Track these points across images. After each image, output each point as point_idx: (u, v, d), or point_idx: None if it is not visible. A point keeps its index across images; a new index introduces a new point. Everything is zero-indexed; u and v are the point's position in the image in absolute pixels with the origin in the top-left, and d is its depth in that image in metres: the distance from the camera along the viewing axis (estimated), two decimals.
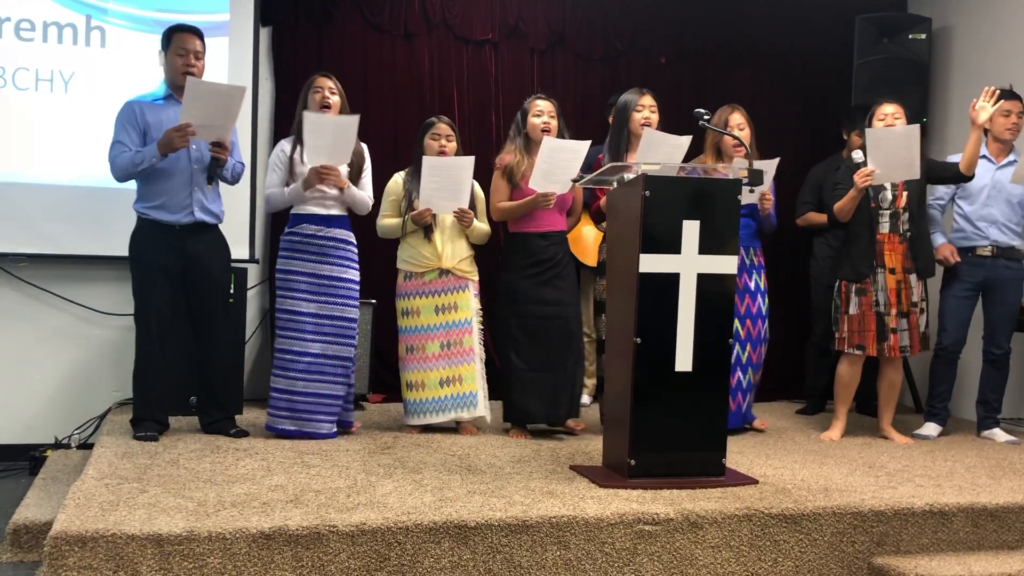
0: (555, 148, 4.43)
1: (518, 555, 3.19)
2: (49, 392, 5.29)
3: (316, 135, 4.30)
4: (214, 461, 3.91)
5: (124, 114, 4.37)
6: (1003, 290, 5.09)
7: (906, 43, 6.09)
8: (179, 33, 4.40)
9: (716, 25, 6.44)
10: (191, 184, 4.36)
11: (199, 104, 4.15)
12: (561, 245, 4.73)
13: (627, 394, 3.73)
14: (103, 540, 2.89)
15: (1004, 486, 3.94)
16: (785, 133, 6.41)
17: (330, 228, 4.48)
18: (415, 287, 4.70)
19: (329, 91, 4.49)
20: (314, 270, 4.44)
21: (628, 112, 4.76)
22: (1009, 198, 5.07)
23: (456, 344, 4.67)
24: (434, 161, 4.53)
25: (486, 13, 6.06)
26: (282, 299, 4.47)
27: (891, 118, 4.81)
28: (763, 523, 3.42)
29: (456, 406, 4.66)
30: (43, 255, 5.22)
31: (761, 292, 5.01)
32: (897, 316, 4.80)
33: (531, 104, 4.72)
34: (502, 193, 4.72)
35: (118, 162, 4.32)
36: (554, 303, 4.64)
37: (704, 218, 3.75)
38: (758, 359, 5.01)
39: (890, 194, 4.83)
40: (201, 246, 4.41)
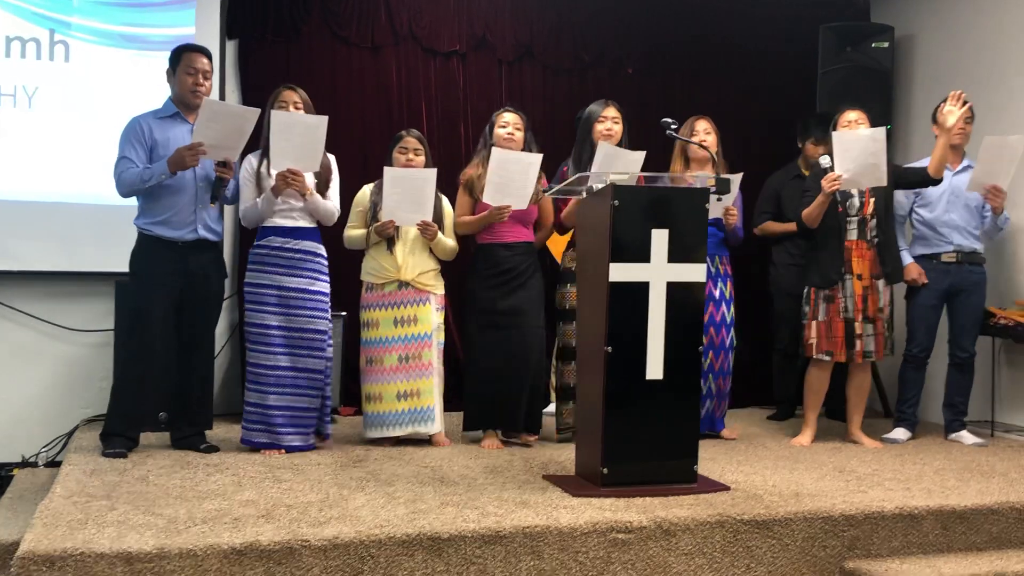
0: (504, 160, 4.44)
1: (492, 566, 3.18)
2: (15, 410, 5.22)
3: (283, 136, 4.27)
4: (184, 477, 3.88)
5: (131, 130, 4.35)
6: (967, 295, 5.14)
7: (869, 51, 6.17)
8: (189, 52, 4.40)
9: (682, 36, 6.49)
10: (196, 201, 4.36)
11: (213, 124, 4.16)
12: (526, 256, 4.73)
13: (599, 403, 3.74)
14: (72, 559, 2.86)
15: (972, 488, 3.98)
16: (751, 142, 6.46)
17: (297, 240, 4.46)
18: (376, 299, 4.69)
19: (294, 104, 4.47)
20: (281, 282, 4.42)
21: (591, 123, 4.80)
22: (967, 203, 5.14)
23: (415, 358, 4.66)
24: (395, 172, 4.53)
25: (453, 25, 6.07)
26: (251, 312, 4.45)
27: (855, 124, 4.86)
28: (735, 529, 3.43)
29: (413, 420, 4.64)
30: (8, 272, 5.16)
31: (727, 300, 5.05)
32: (863, 322, 4.84)
33: (498, 116, 4.75)
34: (464, 206, 4.75)
35: (125, 178, 4.29)
36: (514, 313, 4.64)
37: (673, 227, 3.77)
38: (722, 366, 5.03)
39: (857, 200, 4.87)
40: (202, 263, 4.41)
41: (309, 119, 4.33)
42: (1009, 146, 4.85)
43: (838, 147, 4.70)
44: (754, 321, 6.31)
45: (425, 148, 4.74)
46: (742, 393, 6.26)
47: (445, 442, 4.71)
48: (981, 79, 5.76)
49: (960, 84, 5.41)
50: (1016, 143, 4.85)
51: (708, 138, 4.95)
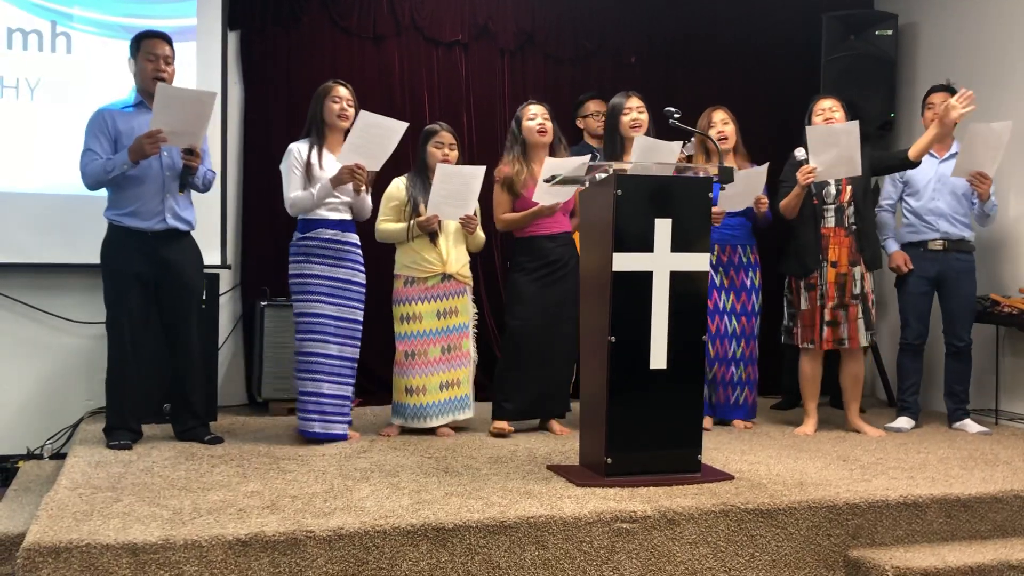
0: (556, 166, 4.41)
1: (496, 556, 3.19)
2: (20, 403, 5.23)
3: (363, 135, 4.28)
4: (189, 468, 3.89)
5: (94, 122, 4.33)
6: (957, 282, 5.15)
7: (873, 40, 6.14)
8: (148, 39, 4.37)
9: (685, 24, 6.47)
10: (163, 191, 4.33)
11: (170, 110, 4.12)
12: (568, 246, 4.79)
13: (602, 393, 3.74)
14: (77, 550, 2.86)
15: (976, 477, 3.99)
16: (755, 131, 6.42)
17: (344, 232, 4.52)
18: (417, 292, 4.70)
19: (347, 102, 4.51)
20: (331, 273, 4.47)
21: (617, 116, 4.82)
22: (954, 190, 5.14)
23: (455, 348, 4.73)
24: (448, 169, 4.55)
25: (455, 14, 6.05)
26: (302, 303, 4.47)
27: (829, 111, 4.89)
28: (739, 518, 3.43)
29: (452, 409, 4.72)
30: (11, 264, 5.16)
31: (756, 289, 5.12)
32: (834, 308, 4.85)
33: (524, 110, 4.78)
34: (504, 205, 4.78)
35: (89, 170, 4.28)
36: (560, 304, 4.71)
37: (676, 216, 3.77)
38: (752, 353, 5.11)
39: (834, 188, 4.88)
40: (174, 253, 4.38)
41: (392, 124, 4.34)
42: (994, 133, 4.83)
43: (812, 141, 4.71)
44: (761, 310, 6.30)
45: (458, 141, 4.80)
46: None
47: (449, 433, 4.72)
48: (985, 66, 5.74)
49: (964, 72, 5.41)
50: (1001, 130, 4.83)
51: (726, 128, 4.97)
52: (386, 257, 4.86)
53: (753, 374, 5.14)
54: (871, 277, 4.95)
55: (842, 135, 4.64)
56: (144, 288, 4.34)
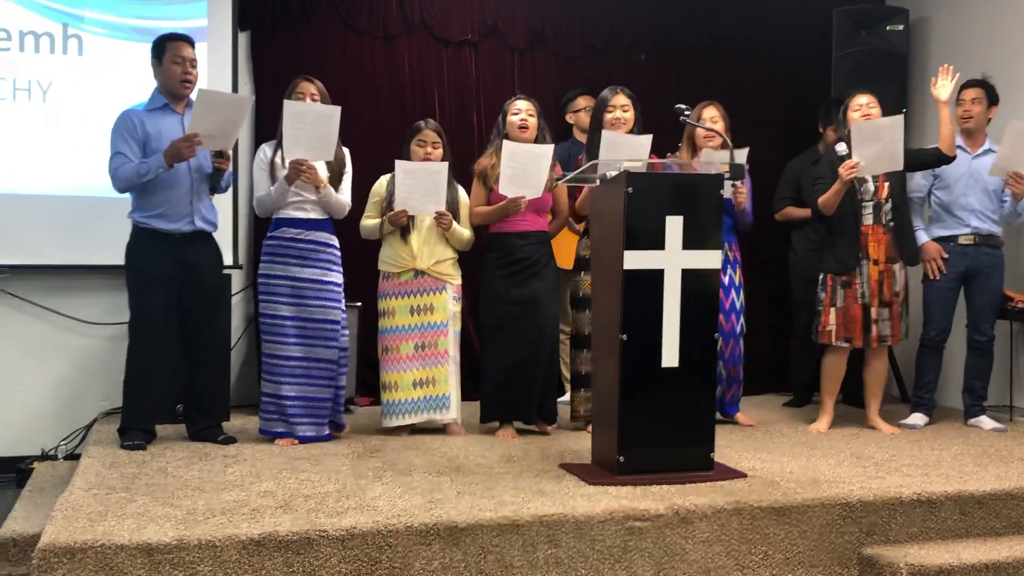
0: (516, 152, 4.43)
1: (509, 555, 3.19)
2: (34, 404, 5.26)
3: (296, 125, 4.26)
4: (202, 469, 3.90)
5: (122, 124, 4.34)
6: (985, 277, 5.11)
7: (884, 35, 6.12)
8: (173, 41, 4.38)
9: (695, 21, 6.45)
10: (191, 193, 4.36)
11: (208, 115, 4.16)
12: (540, 245, 4.72)
13: (614, 391, 3.74)
14: (92, 551, 2.88)
15: (991, 473, 3.97)
16: (765, 127, 6.42)
17: (310, 231, 4.48)
18: (392, 287, 4.71)
19: (311, 96, 4.47)
20: (295, 273, 4.44)
21: (601, 112, 4.78)
22: (985, 186, 5.10)
23: (431, 346, 4.68)
24: (407, 165, 4.54)
25: (465, 13, 6.05)
26: (264, 304, 4.47)
27: (867, 107, 4.83)
28: (753, 516, 3.43)
29: (429, 408, 4.67)
30: (25, 266, 5.18)
31: (736, 287, 5.03)
32: (878, 307, 4.82)
33: (510, 104, 4.74)
34: (479, 197, 4.75)
35: (120, 173, 4.28)
36: (528, 302, 4.63)
37: (687, 213, 3.76)
38: (732, 352, 5.01)
39: (872, 185, 4.84)
40: (199, 254, 4.42)
41: (322, 109, 4.32)
42: None
43: (856, 136, 4.66)
44: (771, 307, 6.30)
45: (443, 140, 4.75)
46: (759, 379, 6.25)
47: (461, 432, 4.72)
48: (997, 60, 5.70)
49: (976, 66, 5.37)
50: None
51: (716, 126, 4.94)
52: None
53: (737, 373, 5.04)
54: (905, 273, 4.92)
55: (886, 130, 4.62)
56: (168, 290, 4.36)
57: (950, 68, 4.82)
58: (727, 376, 5.01)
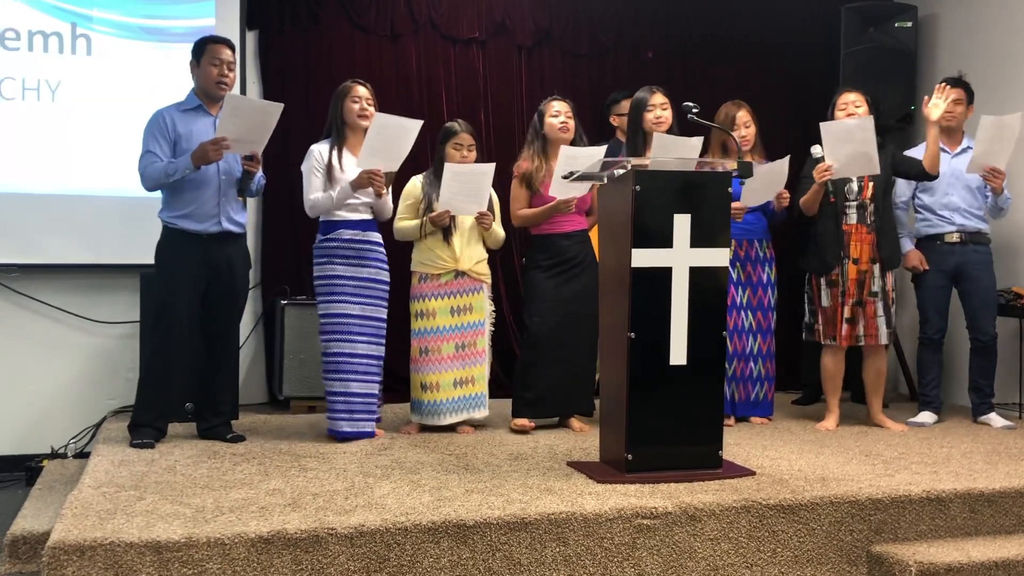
0: (574, 156, 4.42)
1: (517, 553, 3.19)
2: (44, 402, 5.27)
3: (379, 137, 4.30)
4: (211, 467, 3.91)
5: (154, 124, 4.37)
6: (975, 276, 5.10)
7: (892, 32, 6.10)
8: (213, 44, 4.41)
9: (702, 19, 6.45)
10: (219, 194, 4.38)
11: (236, 119, 4.18)
12: (583, 244, 4.79)
13: (622, 389, 3.74)
14: (101, 549, 2.89)
15: (1000, 471, 3.96)
16: (774, 125, 6.39)
17: (365, 232, 4.54)
18: (431, 289, 4.71)
19: (367, 101, 4.53)
20: (355, 273, 4.49)
21: (640, 112, 4.80)
22: (968, 184, 5.10)
23: (470, 345, 4.72)
24: (456, 167, 4.56)
25: (472, 12, 6.05)
26: (328, 303, 4.49)
27: (852, 106, 4.85)
28: (761, 514, 3.42)
29: (467, 407, 4.73)
30: (35, 265, 5.20)
31: (772, 284, 5.11)
32: (853, 305, 4.82)
33: (547, 106, 4.77)
34: (521, 200, 4.79)
35: (149, 172, 4.31)
36: (576, 301, 4.71)
37: (695, 212, 3.76)
38: (769, 349, 5.10)
39: (856, 185, 4.85)
40: (227, 255, 4.44)
41: (407, 123, 4.34)
42: (1007, 125, 4.78)
43: (826, 137, 4.67)
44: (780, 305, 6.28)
45: (477, 142, 4.78)
46: None
47: (469, 431, 4.73)
48: (1005, 56, 5.68)
49: (983, 63, 5.36)
50: (1013, 122, 4.78)
51: (747, 131, 4.97)
52: (406, 256, 4.86)
53: (771, 370, 5.13)
54: (892, 273, 4.92)
55: (856, 131, 4.60)
56: (194, 290, 4.38)
57: (945, 87, 4.84)
58: (764, 374, 5.08)
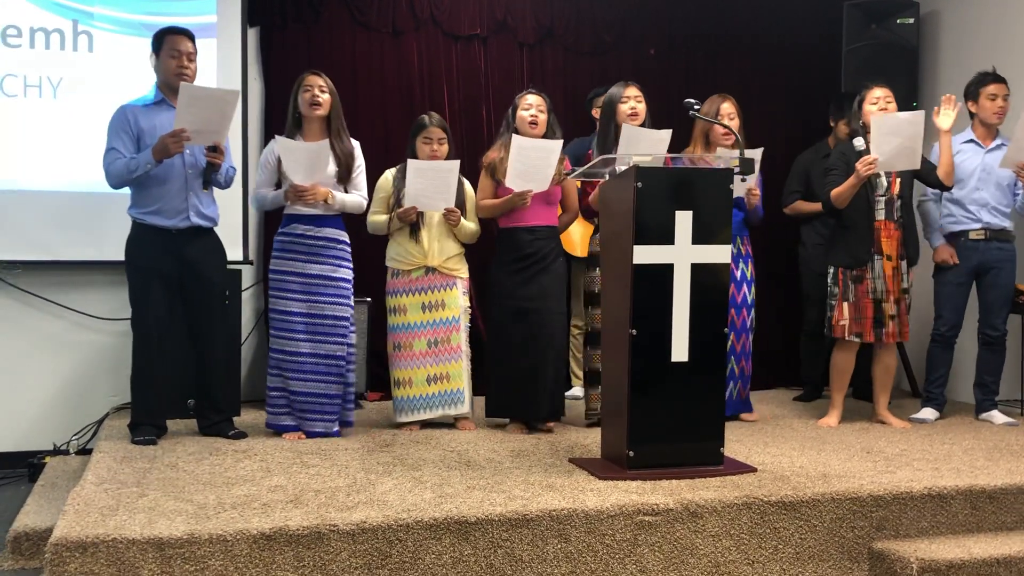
0: (524, 147, 4.44)
1: (519, 549, 3.20)
2: (46, 398, 5.28)
3: (290, 158, 4.33)
4: (213, 463, 3.91)
5: (117, 120, 4.35)
6: (996, 273, 5.10)
7: (894, 28, 6.09)
8: (171, 35, 4.38)
9: (705, 16, 6.44)
10: (186, 189, 4.36)
11: (193, 109, 4.14)
12: (549, 240, 4.70)
13: (624, 385, 3.74)
14: (104, 545, 2.89)
15: (1002, 468, 3.96)
16: (775, 122, 6.42)
17: (320, 228, 4.49)
18: (402, 284, 4.71)
19: (319, 88, 4.49)
20: (304, 269, 4.46)
21: (614, 105, 4.76)
22: (999, 181, 5.09)
23: (443, 342, 4.68)
24: (418, 164, 4.54)
25: (474, 8, 6.04)
26: (274, 299, 4.50)
27: (883, 101, 4.81)
28: (762, 511, 3.42)
29: (443, 403, 4.68)
30: (37, 261, 5.20)
31: (748, 281, 5.03)
32: (894, 303, 4.81)
33: (520, 99, 4.73)
34: (486, 191, 4.75)
35: (112, 169, 4.30)
36: (536, 298, 4.62)
37: (697, 208, 3.75)
38: (744, 347, 5.02)
39: (884, 180, 4.83)
40: (197, 250, 4.41)
41: (310, 147, 4.36)
42: None
43: (876, 130, 4.63)
44: (781, 301, 6.29)
45: (448, 135, 4.73)
46: (769, 374, 6.24)
47: (470, 427, 4.72)
48: (1007, 53, 5.68)
49: (986, 59, 5.35)
50: None
51: (732, 122, 4.92)
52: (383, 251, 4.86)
53: (747, 368, 5.05)
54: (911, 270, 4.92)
55: (907, 125, 4.59)
56: (168, 285, 4.36)
57: (952, 98, 4.83)
58: (739, 372, 5.00)
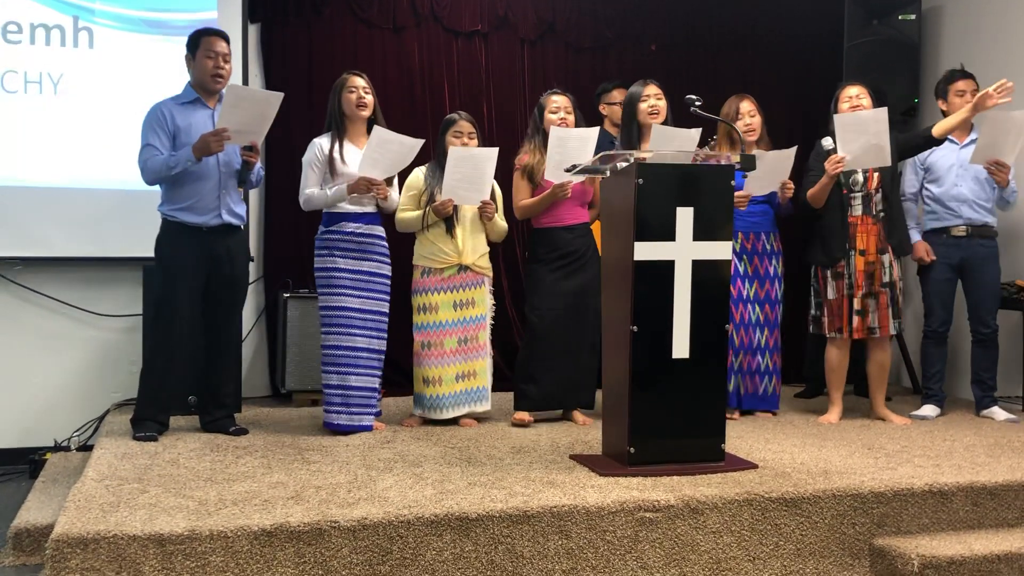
0: (563, 137, 4.47)
1: (520, 545, 3.20)
2: (47, 395, 5.28)
3: (379, 151, 4.35)
4: (214, 460, 3.91)
5: (153, 117, 4.37)
6: (981, 269, 5.10)
7: (896, 24, 6.08)
8: (207, 36, 4.41)
9: (706, 11, 6.43)
10: (219, 187, 4.38)
11: (237, 110, 4.19)
12: (585, 237, 4.79)
13: (625, 382, 3.74)
14: (105, 541, 2.90)
15: (1003, 464, 3.96)
16: (776, 118, 6.39)
17: (368, 225, 4.54)
18: (434, 283, 4.71)
19: (363, 91, 4.54)
20: (356, 266, 4.50)
21: (635, 104, 4.80)
22: (977, 175, 5.09)
23: (472, 340, 4.72)
24: (460, 151, 4.55)
25: (475, 4, 6.04)
26: (327, 296, 4.51)
27: (856, 99, 4.84)
28: (763, 507, 3.43)
29: (469, 400, 4.72)
30: (38, 258, 5.20)
31: (779, 277, 5.10)
32: (863, 298, 4.82)
33: (547, 100, 4.78)
34: (523, 192, 4.79)
35: (150, 165, 4.31)
36: (578, 294, 4.71)
37: (698, 205, 3.75)
38: (775, 343, 5.10)
39: (861, 176, 4.85)
40: (227, 248, 4.44)
41: (407, 141, 4.40)
42: (1014, 122, 4.75)
43: (840, 129, 4.66)
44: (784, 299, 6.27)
45: (478, 131, 4.78)
46: None
47: (472, 424, 4.73)
48: (1009, 49, 5.67)
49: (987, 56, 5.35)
50: (1021, 119, 4.75)
51: (753, 120, 4.97)
52: (408, 248, 4.86)
53: (778, 363, 5.13)
54: (899, 264, 4.92)
55: (871, 123, 4.60)
56: (194, 283, 4.38)
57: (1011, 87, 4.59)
58: (771, 367, 5.07)
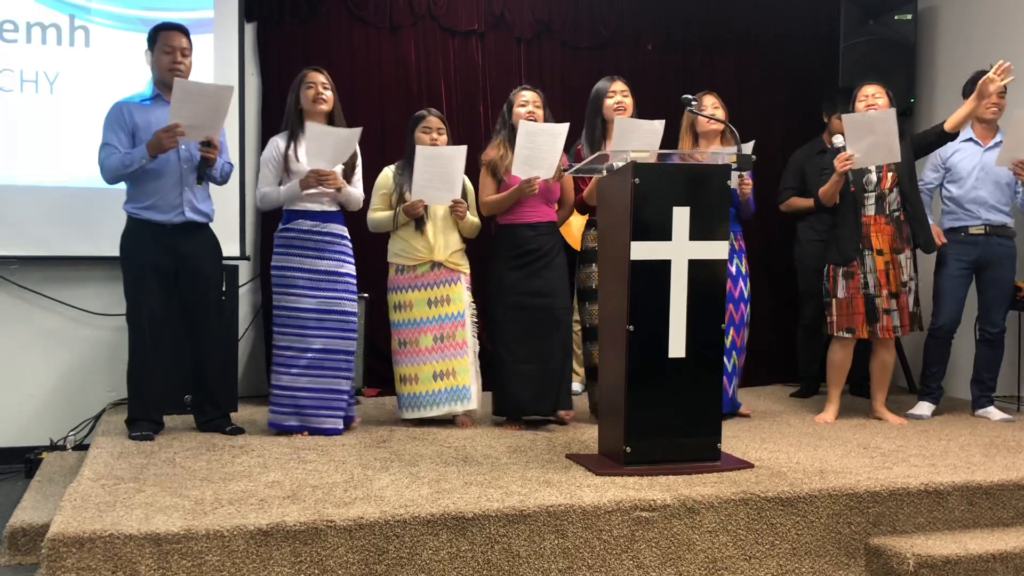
0: (533, 132, 4.43)
1: (516, 545, 3.20)
2: (43, 394, 5.28)
3: (318, 144, 4.32)
4: (210, 459, 3.91)
5: (112, 115, 4.36)
6: (996, 268, 5.10)
7: (892, 24, 6.10)
8: (165, 31, 4.38)
9: (702, 11, 6.44)
10: (181, 184, 4.35)
11: (187, 104, 4.14)
12: (550, 235, 4.71)
13: (621, 381, 3.74)
14: (101, 541, 2.89)
15: (998, 464, 3.96)
16: (773, 118, 6.42)
17: (326, 223, 4.49)
18: (407, 280, 4.69)
19: (322, 86, 4.49)
20: (312, 265, 4.45)
21: (600, 100, 4.79)
22: (997, 179, 5.09)
23: (449, 337, 4.67)
24: (427, 151, 4.52)
25: (471, 3, 6.04)
26: (280, 295, 4.46)
27: (871, 98, 4.83)
28: (759, 507, 3.43)
29: (449, 399, 4.66)
30: (33, 257, 5.20)
31: (743, 276, 5.04)
32: (887, 297, 4.81)
33: (516, 95, 4.73)
34: (489, 188, 4.73)
35: (108, 164, 4.30)
36: (541, 294, 4.63)
37: (694, 204, 3.75)
38: (742, 343, 5.03)
39: (875, 176, 4.84)
40: (192, 245, 4.41)
41: (343, 133, 4.37)
42: None
43: (848, 128, 4.67)
44: (777, 297, 6.29)
45: (447, 127, 4.73)
46: (766, 370, 6.25)
47: (468, 423, 4.72)
48: (1004, 50, 5.67)
49: (983, 56, 5.35)
50: None
51: (717, 113, 4.94)
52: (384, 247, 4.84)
53: (740, 363, 5.05)
54: (912, 263, 4.91)
55: (878, 122, 4.60)
56: (163, 280, 4.36)
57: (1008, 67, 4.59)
58: (733, 368, 4.99)
